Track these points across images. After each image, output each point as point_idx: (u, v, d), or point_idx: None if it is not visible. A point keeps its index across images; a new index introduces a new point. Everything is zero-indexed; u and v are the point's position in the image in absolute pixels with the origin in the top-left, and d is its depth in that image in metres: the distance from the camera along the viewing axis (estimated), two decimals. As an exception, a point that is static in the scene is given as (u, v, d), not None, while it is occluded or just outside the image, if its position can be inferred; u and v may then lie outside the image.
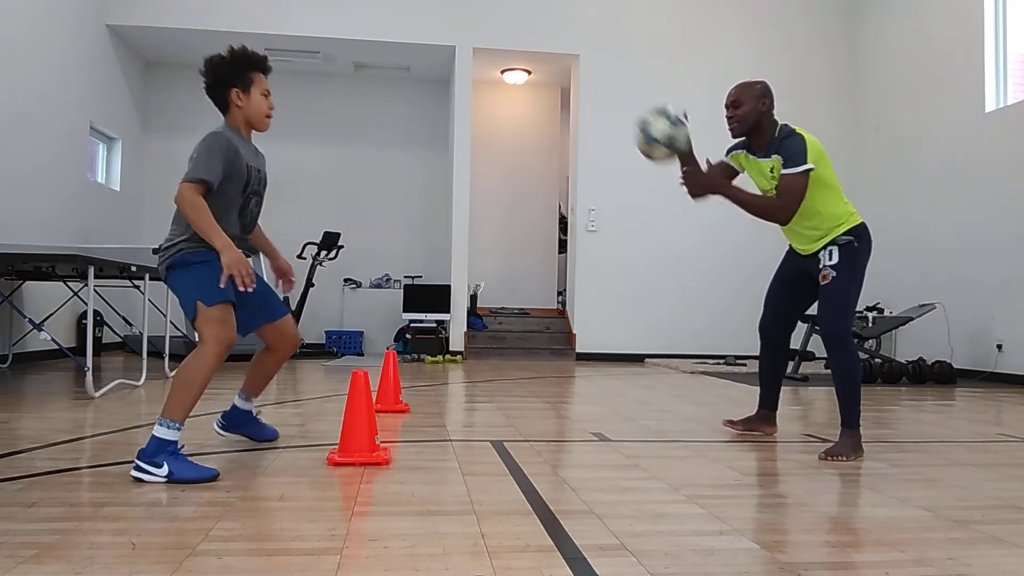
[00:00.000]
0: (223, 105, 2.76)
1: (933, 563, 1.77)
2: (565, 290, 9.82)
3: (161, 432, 2.44)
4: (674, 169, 3.36)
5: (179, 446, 2.47)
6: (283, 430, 3.43)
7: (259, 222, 2.97)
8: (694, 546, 1.86)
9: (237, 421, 3.09)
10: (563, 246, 10.07)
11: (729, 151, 3.46)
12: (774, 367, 3.59)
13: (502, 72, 9.77)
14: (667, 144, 3.14)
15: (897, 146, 8.57)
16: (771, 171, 3.21)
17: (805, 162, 3.07)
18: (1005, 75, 7.21)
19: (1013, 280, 6.82)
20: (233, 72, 2.73)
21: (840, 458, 3.03)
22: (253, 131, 2.83)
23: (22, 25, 6.66)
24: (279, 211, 7.07)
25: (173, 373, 2.58)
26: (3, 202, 6.40)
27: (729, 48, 9.08)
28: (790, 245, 3.44)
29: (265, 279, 3.01)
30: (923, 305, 7.41)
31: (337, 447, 2.79)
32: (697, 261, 8.96)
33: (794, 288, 3.41)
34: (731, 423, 3.68)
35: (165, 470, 2.39)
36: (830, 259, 3.18)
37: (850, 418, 3.13)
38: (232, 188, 2.66)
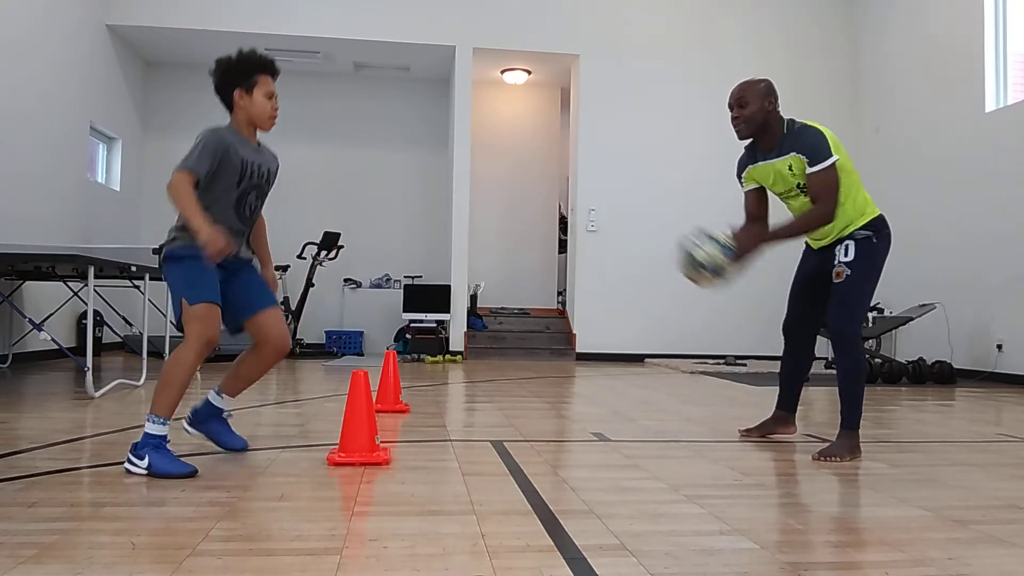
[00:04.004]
0: (228, 105, 2.80)
1: (933, 563, 1.77)
2: (565, 290, 9.82)
3: (149, 427, 2.55)
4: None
5: (166, 440, 2.55)
6: (283, 430, 3.43)
7: (266, 228, 3.04)
8: (694, 546, 1.86)
9: (203, 416, 2.91)
10: (563, 246, 10.06)
11: (740, 173, 3.37)
12: (795, 368, 3.43)
13: (502, 72, 9.76)
14: (713, 271, 3.03)
15: (897, 146, 8.57)
16: (790, 168, 3.09)
17: (830, 155, 2.99)
18: (1005, 75, 7.21)
19: (1013, 280, 6.82)
20: (238, 74, 2.77)
21: (835, 459, 2.97)
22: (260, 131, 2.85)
23: (22, 25, 6.66)
24: (279, 211, 7.06)
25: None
26: (3, 202, 6.40)
27: (729, 48, 9.07)
28: (806, 242, 3.33)
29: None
30: (923, 305, 7.41)
31: (337, 447, 2.79)
32: (697, 261, 8.95)
33: (815, 287, 3.27)
34: (747, 431, 3.53)
35: (146, 462, 2.50)
36: (845, 255, 3.06)
37: (850, 419, 3.05)
38: (225, 182, 2.69)
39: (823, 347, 8.49)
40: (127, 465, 2.54)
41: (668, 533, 1.97)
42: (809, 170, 3.02)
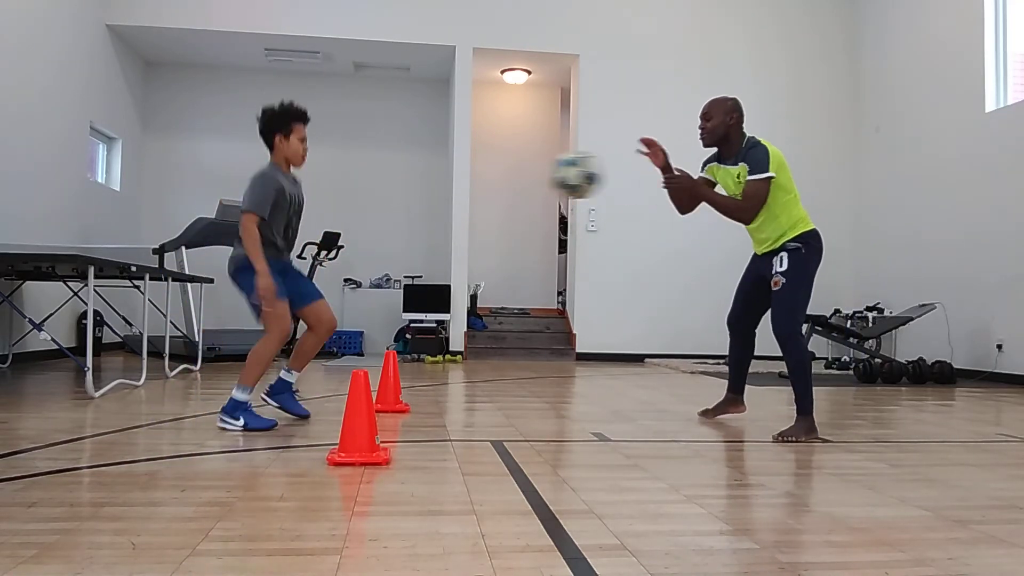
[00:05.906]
0: (270, 145, 3.54)
1: (933, 563, 1.77)
2: (565, 290, 9.82)
3: (237, 395, 3.35)
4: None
5: (250, 404, 3.39)
6: (283, 430, 3.43)
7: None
8: (694, 546, 1.86)
9: (278, 389, 3.69)
10: (563, 246, 10.07)
11: (704, 165, 3.85)
12: (740, 356, 4.01)
13: (502, 72, 9.76)
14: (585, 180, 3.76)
15: (897, 146, 8.57)
16: (738, 176, 3.60)
17: (767, 170, 3.49)
18: (1005, 75, 7.21)
19: (1013, 280, 6.82)
20: (280, 122, 3.50)
21: (791, 439, 3.44)
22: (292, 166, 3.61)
23: (22, 25, 6.66)
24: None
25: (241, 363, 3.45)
26: (3, 202, 6.40)
27: (729, 48, 9.07)
28: (754, 250, 3.80)
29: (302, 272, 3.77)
30: (923, 305, 7.41)
31: (337, 447, 2.79)
32: (697, 261, 8.97)
33: (756, 288, 3.79)
34: (704, 412, 4.09)
35: (241, 421, 3.34)
36: (780, 265, 3.55)
37: (803, 406, 3.54)
38: (280, 214, 3.49)
39: (822, 348, 8.51)
40: (221, 424, 3.34)
41: (668, 533, 1.97)
42: (748, 177, 3.55)
